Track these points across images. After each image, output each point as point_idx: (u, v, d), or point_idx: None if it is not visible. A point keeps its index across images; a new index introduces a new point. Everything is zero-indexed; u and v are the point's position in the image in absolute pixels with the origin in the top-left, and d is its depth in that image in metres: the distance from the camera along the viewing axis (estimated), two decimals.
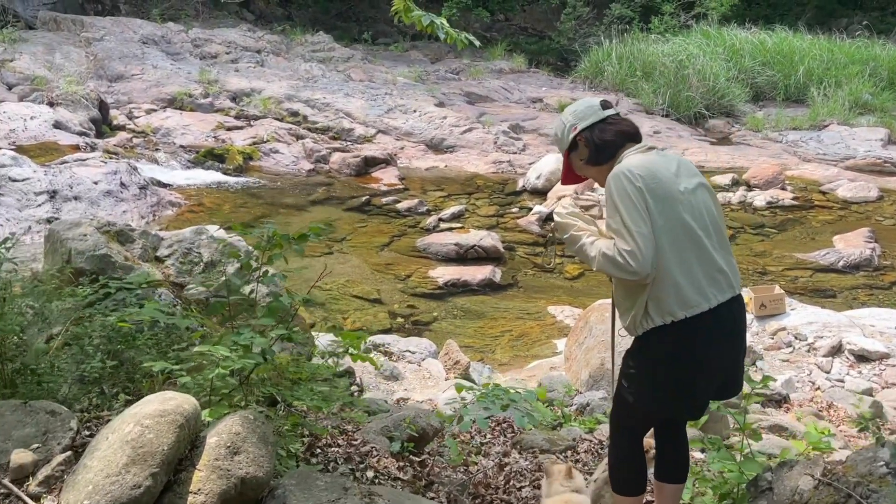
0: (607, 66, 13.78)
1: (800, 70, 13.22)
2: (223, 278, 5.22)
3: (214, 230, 6.24)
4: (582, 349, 4.60)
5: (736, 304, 2.37)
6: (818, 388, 4.92)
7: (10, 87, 11.90)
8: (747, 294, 5.94)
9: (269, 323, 2.30)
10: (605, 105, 2.51)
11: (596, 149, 2.42)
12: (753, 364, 5.21)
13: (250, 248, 5.23)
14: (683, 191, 2.31)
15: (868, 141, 11.17)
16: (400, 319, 6.50)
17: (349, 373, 3.70)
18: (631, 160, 2.36)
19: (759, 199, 9.22)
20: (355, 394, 3.67)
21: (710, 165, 10.68)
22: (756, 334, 5.67)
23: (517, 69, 14.94)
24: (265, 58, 13.89)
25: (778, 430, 3.27)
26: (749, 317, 5.85)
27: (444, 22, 3.76)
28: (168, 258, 5.05)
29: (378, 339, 5.50)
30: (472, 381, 5.19)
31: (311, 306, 6.58)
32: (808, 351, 5.41)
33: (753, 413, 3.43)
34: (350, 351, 2.63)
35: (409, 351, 5.39)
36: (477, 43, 3.61)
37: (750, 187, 9.64)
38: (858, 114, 12.18)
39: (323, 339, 5.25)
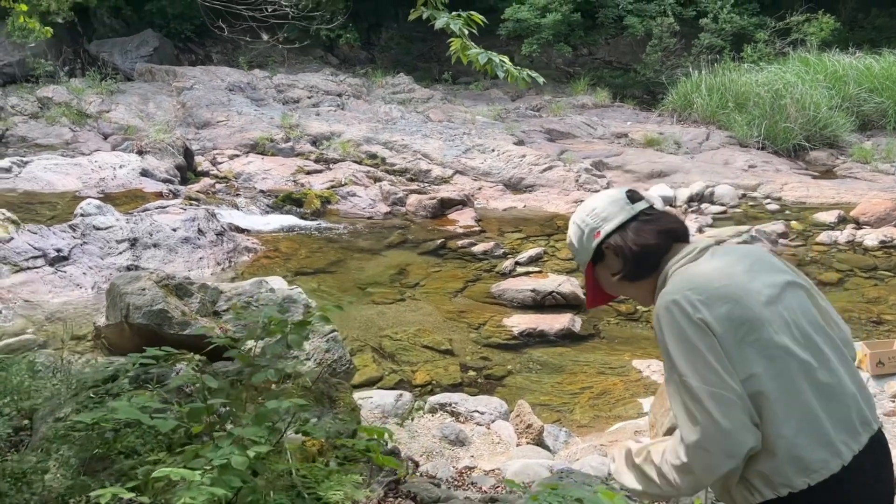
0: (696, 97, 13.15)
1: None
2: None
3: (277, 282, 6.06)
4: (669, 417, 4.09)
5: (878, 448, 1.71)
6: None
7: (105, 137, 12.40)
8: (861, 350, 5.26)
9: (257, 435, 1.91)
10: (634, 197, 1.87)
11: (634, 258, 1.80)
12: None
13: (310, 301, 5.01)
14: (767, 300, 1.66)
15: None
16: (472, 373, 6.12)
17: (394, 453, 3.31)
18: (679, 279, 1.71)
19: (871, 237, 8.39)
20: (406, 475, 3.28)
21: (812, 201, 9.88)
22: (874, 397, 4.98)
23: (600, 104, 14.49)
24: (346, 101, 13.99)
25: None
26: (865, 376, 5.17)
27: (505, 60, 3.45)
28: (227, 312, 4.87)
29: (444, 397, 5.13)
30: (546, 447, 4.74)
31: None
32: None
33: None
34: (369, 451, 2.24)
35: (478, 411, 5.00)
36: (541, 80, 3.27)
37: (859, 225, 8.80)
38: None
39: (380, 398, 4.94)
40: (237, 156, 11.70)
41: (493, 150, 11.47)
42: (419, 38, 17.95)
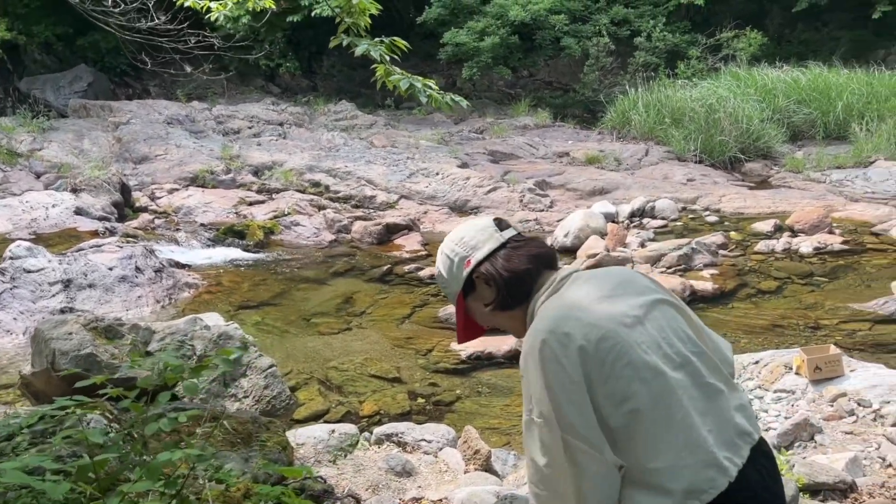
0: (634, 114, 13.41)
1: (838, 106, 12.64)
2: (219, 371, 4.84)
3: (213, 318, 5.91)
4: None
5: (761, 458, 1.68)
6: (890, 466, 4.28)
7: (37, 176, 12.02)
8: (799, 355, 5.35)
9: (147, 489, 1.80)
10: (502, 224, 1.85)
11: (506, 286, 1.76)
12: (812, 438, 4.61)
13: (245, 335, 4.89)
14: (633, 321, 1.62)
15: None
16: (420, 400, 6.04)
17: (327, 491, 3.19)
18: (545, 314, 1.67)
19: (806, 245, 8.60)
20: None
21: (749, 212, 10.11)
22: (813, 402, 5.05)
23: (542, 124, 14.67)
24: (287, 130, 13.87)
25: None
26: (803, 381, 5.25)
27: (430, 84, 3.42)
28: (160, 352, 4.72)
29: (390, 427, 5.03)
30: (495, 471, 4.68)
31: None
32: (875, 419, 4.77)
33: None
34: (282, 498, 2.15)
35: (426, 440, 4.91)
36: (465, 104, 3.26)
37: (794, 233, 9.03)
38: None
39: (323, 433, 4.82)
40: (176, 189, 11.47)
41: (437, 174, 11.47)
42: (361, 65, 17.93)
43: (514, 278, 1.75)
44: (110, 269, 8.29)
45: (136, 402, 3.72)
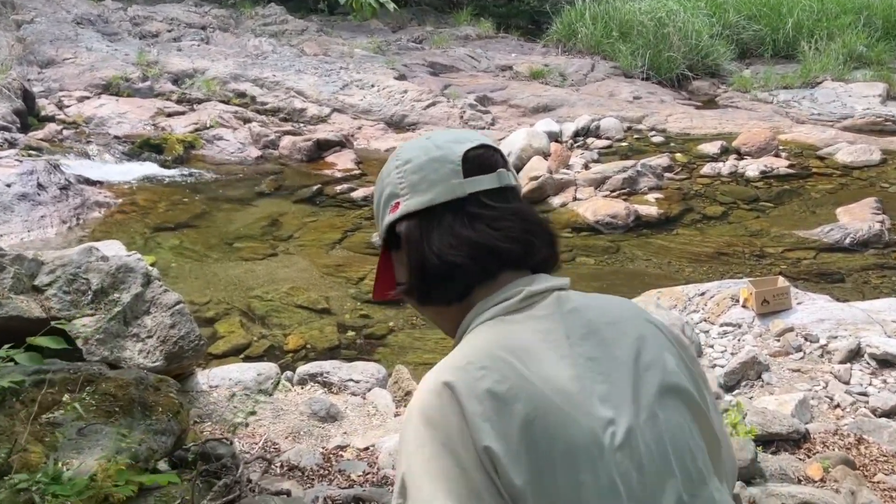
0: (581, 27, 12.82)
1: (788, 23, 12.30)
2: (118, 308, 4.31)
3: (113, 247, 5.34)
4: None
5: None
6: (838, 406, 4.12)
7: None
8: (746, 288, 5.13)
9: None
10: (477, 162, 1.08)
11: (422, 274, 1.09)
12: (759, 377, 4.42)
13: (149, 267, 4.35)
14: (608, 430, 0.96)
15: (865, 98, 10.32)
16: (350, 333, 5.65)
17: (227, 467, 2.75)
18: (472, 349, 1.00)
19: (752, 168, 8.37)
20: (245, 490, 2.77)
21: (695, 132, 9.81)
22: (760, 337, 4.87)
23: (485, 35, 13.95)
24: (211, 34, 12.82)
25: None
26: (750, 315, 5.05)
27: None
28: (49, 287, 4.15)
29: (315, 367, 4.64)
30: None
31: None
32: (822, 356, 4.61)
33: (773, 486, 2.62)
34: None
35: (353, 380, 4.54)
36: (391, 6, 2.73)
37: (741, 155, 8.78)
38: (853, 68, 11.30)
39: (240, 374, 4.41)
40: (87, 98, 10.49)
41: (372, 86, 10.77)
42: None
43: (439, 269, 1.06)
44: (8, 185, 7.50)
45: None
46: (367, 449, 3.81)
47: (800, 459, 3.02)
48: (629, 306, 1.11)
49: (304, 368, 4.62)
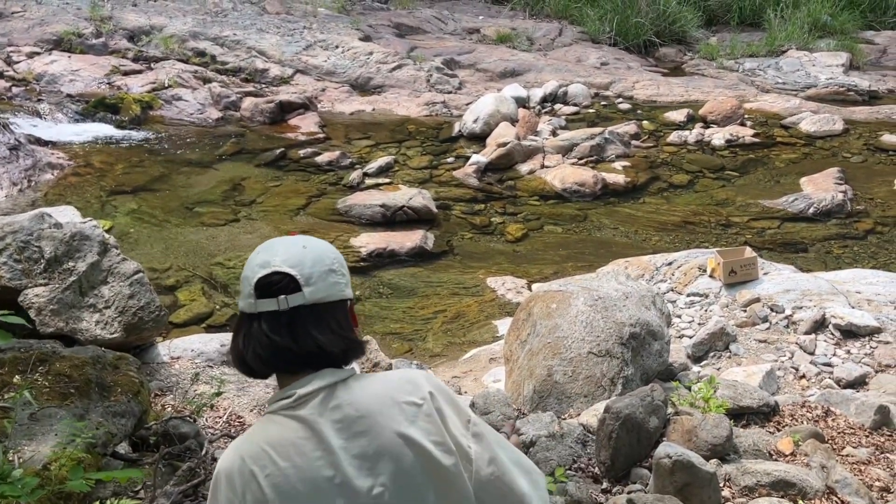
0: None
1: None
2: (73, 277, 4.13)
3: (67, 213, 5.14)
4: (524, 350, 3.73)
5: None
6: (804, 377, 4.17)
7: None
8: (714, 258, 5.15)
9: None
10: (268, 290, 1.33)
11: (232, 352, 1.37)
12: (727, 348, 4.44)
13: (106, 235, 4.17)
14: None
15: (829, 67, 10.39)
16: None
17: (190, 448, 2.61)
18: (255, 437, 1.27)
19: (718, 137, 8.39)
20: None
21: (662, 100, 9.79)
22: (727, 307, 4.89)
23: None
24: None
25: (784, 487, 2.47)
26: (717, 285, 5.07)
27: None
28: None
29: None
30: None
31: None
32: (787, 326, 4.65)
33: (748, 463, 2.61)
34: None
35: None
36: None
37: (707, 124, 8.79)
38: (818, 37, 11.36)
39: (202, 345, 4.29)
40: (38, 53, 10.05)
41: (337, 47, 10.50)
42: None
43: (233, 353, 1.37)
44: None
45: None
46: None
47: (770, 433, 3.04)
48: (388, 393, 1.32)
49: None
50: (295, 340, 1.29)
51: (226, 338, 4.48)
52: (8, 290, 3.93)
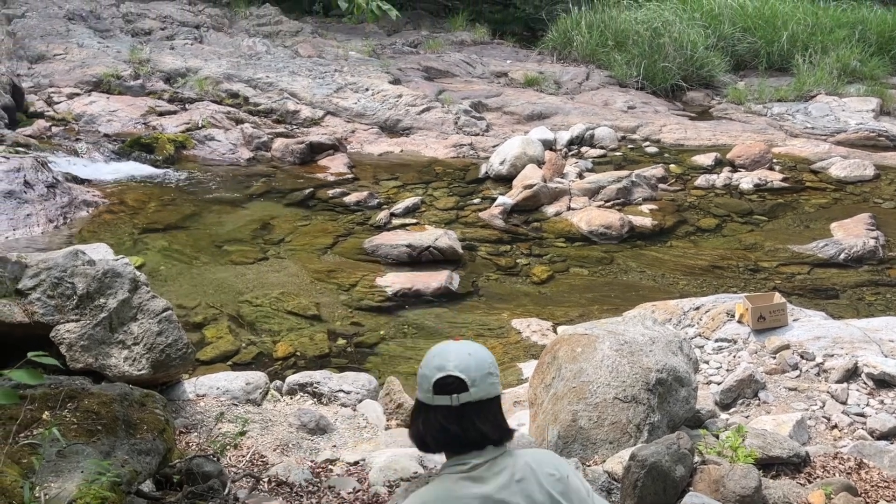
0: (576, 35, 12.78)
1: (783, 36, 12.31)
2: (104, 314, 4.20)
3: (100, 251, 5.24)
4: (549, 394, 3.70)
5: None
6: (835, 427, 4.07)
7: None
8: (742, 303, 5.08)
9: None
10: (443, 389, 1.67)
11: (409, 430, 1.78)
12: (756, 395, 4.36)
13: (137, 273, 4.25)
14: None
15: (859, 112, 10.33)
16: (341, 341, 5.56)
17: (213, 488, 2.65)
18: (431, 489, 1.67)
19: (746, 181, 8.35)
20: None
21: (690, 143, 9.79)
22: (755, 353, 4.81)
23: (480, 40, 13.89)
24: (204, 33, 12.70)
25: None
26: (745, 330, 5.00)
27: None
28: (33, 291, 4.04)
29: (304, 376, 4.55)
30: None
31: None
32: (818, 374, 4.56)
33: None
34: None
35: (343, 391, 4.46)
36: (394, 14, 2.66)
37: (735, 168, 8.76)
38: (847, 82, 11.32)
39: (228, 383, 4.33)
40: (77, 94, 10.36)
41: (367, 90, 10.69)
42: None
43: (413, 435, 1.75)
44: None
45: None
46: (356, 463, 3.73)
47: (800, 485, 2.96)
48: (538, 463, 1.73)
49: (293, 378, 4.53)
50: (463, 430, 1.65)
51: (251, 375, 4.52)
52: (41, 326, 4.01)
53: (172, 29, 12.76)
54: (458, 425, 1.64)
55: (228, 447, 3.05)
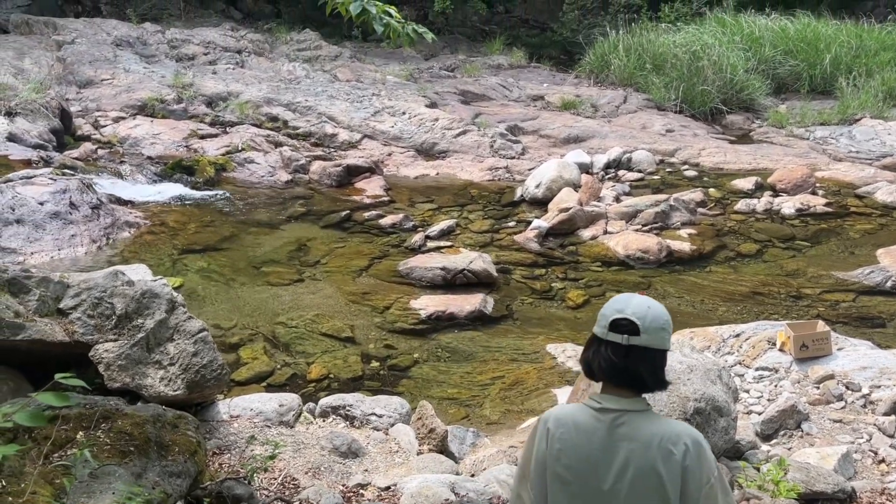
0: (614, 59, 12.76)
1: (826, 59, 12.13)
2: (141, 334, 4.24)
3: (139, 271, 5.32)
4: None
5: None
6: (883, 461, 3.92)
7: None
8: (784, 331, 4.95)
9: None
10: (616, 328, 1.89)
11: (582, 359, 2.00)
12: (799, 427, 4.23)
13: (174, 293, 4.30)
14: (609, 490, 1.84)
15: None
16: (374, 364, 5.55)
17: (244, 501, 2.64)
18: (569, 407, 1.98)
19: (788, 206, 8.19)
20: None
21: (729, 167, 9.65)
22: (798, 383, 4.68)
23: (517, 64, 13.95)
24: (246, 58, 12.97)
25: None
26: (787, 359, 4.86)
27: (391, 11, 2.80)
28: (74, 310, 4.12)
29: (337, 399, 4.54)
30: (451, 454, 4.23)
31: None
32: (864, 406, 4.41)
33: None
34: None
35: (376, 414, 4.43)
36: (430, 37, 2.66)
37: (776, 192, 8.60)
38: (893, 106, 11.09)
39: (262, 404, 4.33)
40: (123, 118, 10.63)
41: (404, 113, 10.78)
42: None
43: (583, 362, 1.98)
44: (41, 203, 7.57)
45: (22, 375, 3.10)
46: (388, 489, 3.70)
47: None
48: (658, 435, 1.86)
49: (326, 400, 4.52)
50: (626, 367, 1.86)
51: (284, 397, 4.53)
52: (80, 345, 4.08)
53: (215, 54, 13.05)
54: (623, 362, 1.84)
55: (259, 470, 3.05)
